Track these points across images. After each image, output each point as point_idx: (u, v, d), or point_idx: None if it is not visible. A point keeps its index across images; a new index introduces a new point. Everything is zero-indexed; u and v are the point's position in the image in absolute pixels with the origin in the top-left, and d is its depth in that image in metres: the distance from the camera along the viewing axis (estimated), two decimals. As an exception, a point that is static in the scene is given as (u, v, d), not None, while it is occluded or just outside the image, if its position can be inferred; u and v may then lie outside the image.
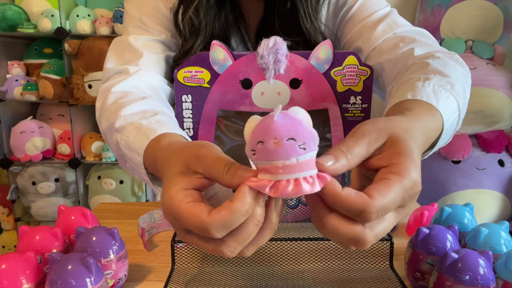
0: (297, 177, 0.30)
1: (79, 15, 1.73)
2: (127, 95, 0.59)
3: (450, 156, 1.61)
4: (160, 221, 0.72)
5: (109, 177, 1.85)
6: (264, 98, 0.61)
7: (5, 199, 1.90)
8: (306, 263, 0.59)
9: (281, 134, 0.29)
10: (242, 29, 0.74)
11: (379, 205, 0.30)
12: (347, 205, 0.30)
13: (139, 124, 0.51)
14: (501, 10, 1.63)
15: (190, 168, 0.35)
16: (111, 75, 0.66)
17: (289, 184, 0.30)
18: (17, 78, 1.78)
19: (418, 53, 0.60)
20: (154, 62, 0.67)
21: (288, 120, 0.29)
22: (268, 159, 0.30)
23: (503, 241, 0.53)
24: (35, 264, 0.47)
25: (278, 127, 0.29)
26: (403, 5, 1.80)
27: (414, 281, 0.53)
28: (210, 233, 0.31)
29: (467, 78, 0.58)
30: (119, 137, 0.53)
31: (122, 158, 0.55)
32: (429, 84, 0.49)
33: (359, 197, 0.30)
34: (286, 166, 0.29)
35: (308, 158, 0.30)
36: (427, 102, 0.45)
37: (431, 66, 0.54)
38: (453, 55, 0.60)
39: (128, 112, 0.55)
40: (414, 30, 0.67)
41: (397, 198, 0.31)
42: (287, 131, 0.29)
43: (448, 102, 0.48)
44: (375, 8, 0.70)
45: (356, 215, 0.30)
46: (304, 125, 0.30)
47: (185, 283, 0.55)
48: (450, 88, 0.50)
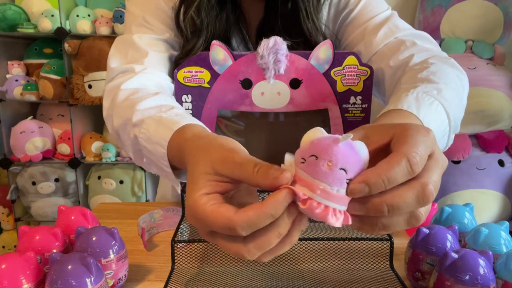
0: (328, 205, 0.30)
1: (79, 15, 1.73)
2: (138, 92, 0.59)
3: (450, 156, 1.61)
4: (160, 221, 0.72)
5: (109, 177, 1.85)
6: (264, 98, 0.61)
7: (5, 199, 1.90)
8: (306, 263, 0.59)
9: (337, 160, 0.29)
10: (243, 29, 0.74)
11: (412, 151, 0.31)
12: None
13: (159, 117, 0.51)
14: (501, 10, 1.63)
15: (215, 170, 0.35)
16: (115, 74, 0.66)
17: (319, 207, 0.30)
18: (17, 78, 1.78)
19: (415, 61, 0.61)
20: (159, 61, 0.67)
21: (350, 151, 0.30)
22: (313, 176, 0.30)
23: (503, 241, 0.53)
24: (35, 264, 0.47)
25: (338, 153, 0.29)
26: (403, 5, 1.80)
27: (414, 281, 0.53)
28: (236, 230, 0.31)
29: (462, 80, 0.59)
30: (137, 131, 0.53)
31: (139, 153, 0.55)
32: (413, 92, 0.50)
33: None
34: (325, 191, 0.30)
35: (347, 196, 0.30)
36: (407, 111, 0.46)
37: (420, 75, 0.55)
38: (448, 60, 0.61)
39: (144, 107, 0.54)
40: (415, 34, 0.68)
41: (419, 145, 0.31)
42: (344, 161, 0.29)
43: (432, 108, 0.49)
44: (376, 11, 0.70)
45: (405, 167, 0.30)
46: (361, 163, 0.30)
47: (185, 283, 0.55)
48: (437, 93, 0.51)
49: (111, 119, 0.61)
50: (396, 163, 0.30)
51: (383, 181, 0.30)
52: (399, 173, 0.30)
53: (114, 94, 0.61)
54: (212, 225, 0.33)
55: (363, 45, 0.68)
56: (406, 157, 0.30)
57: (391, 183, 0.30)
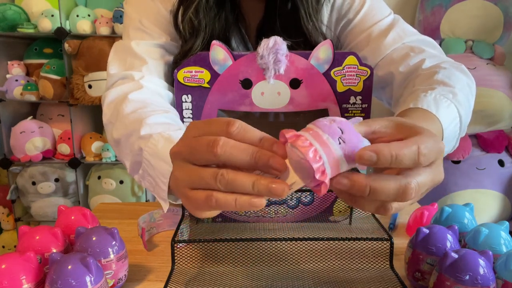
0: (314, 146, 0.31)
1: (79, 15, 1.73)
2: (147, 106, 0.60)
3: (450, 156, 1.61)
4: (160, 221, 0.72)
5: (109, 177, 1.85)
6: (264, 98, 0.61)
7: (5, 199, 1.90)
8: (306, 263, 0.59)
9: (338, 121, 0.33)
10: (242, 29, 0.74)
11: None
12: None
13: (168, 135, 0.52)
14: (501, 10, 1.63)
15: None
16: (115, 80, 0.67)
17: (305, 141, 0.32)
18: (17, 78, 1.78)
19: (427, 65, 0.62)
20: (156, 68, 0.68)
21: (352, 128, 0.33)
22: (314, 124, 0.33)
23: (503, 241, 0.53)
24: (35, 264, 0.47)
25: (341, 120, 0.33)
26: (403, 5, 1.80)
27: (414, 281, 0.53)
28: (231, 123, 0.34)
29: (472, 88, 0.61)
30: (143, 144, 0.53)
31: (136, 165, 0.55)
32: (432, 93, 0.52)
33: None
34: (317, 134, 0.32)
35: (336, 152, 0.32)
36: (427, 110, 0.48)
37: (436, 77, 0.57)
38: (459, 66, 0.63)
39: (154, 121, 0.55)
40: (422, 40, 0.69)
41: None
42: (344, 125, 0.33)
43: (449, 110, 0.51)
44: (380, 16, 0.70)
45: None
46: (359, 138, 0.33)
47: (185, 283, 0.55)
48: (452, 97, 0.53)
49: (112, 126, 0.61)
50: (407, 146, 0.32)
51: (391, 156, 0.31)
52: (407, 155, 0.32)
53: (120, 103, 0.61)
54: (216, 123, 0.35)
55: (368, 50, 0.69)
56: (417, 145, 0.32)
57: (397, 162, 0.31)
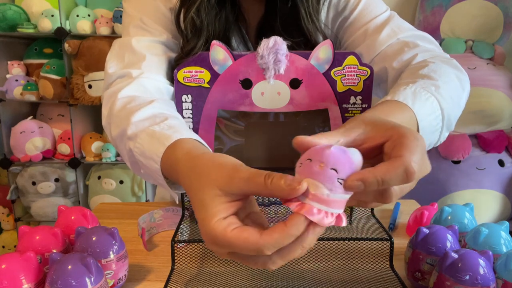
0: (322, 210, 0.32)
1: (79, 15, 1.73)
2: (134, 100, 0.59)
3: (450, 156, 1.61)
4: (160, 221, 0.72)
5: (109, 177, 1.85)
6: (264, 98, 0.61)
7: (5, 199, 1.90)
8: (306, 263, 0.59)
9: (328, 162, 0.32)
10: (242, 29, 0.74)
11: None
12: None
13: (152, 131, 0.51)
14: (501, 10, 1.63)
15: (224, 191, 0.35)
16: (113, 80, 0.66)
17: (312, 208, 0.32)
18: (17, 78, 1.78)
19: (417, 60, 0.62)
20: (156, 64, 0.67)
21: (342, 155, 0.32)
22: (307, 176, 0.32)
23: (503, 241, 0.53)
24: (35, 264, 0.47)
25: (329, 155, 0.32)
26: (403, 5, 1.80)
27: (414, 281, 0.53)
28: (263, 252, 0.33)
29: (462, 80, 0.60)
30: (132, 144, 0.53)
31: (135, 165, 0.55)
32: (412, 87, 0.51)
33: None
34: (317, 197, 0.32)
35: (340, 198, 0.32)
36: (403, 103, 0.48)
37: (422, 71, 0.57)
38: (450, 60, 0.63)
39: (139, 118, 0.55)
40: (417, 35, 0.69)
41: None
42: (334, 162, 0.32)
43: (427, 103, 0.50)
44: (376, 13, 0.70)
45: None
46: (352, 165, 0.32)
47: (185, 283, 0.55)
48: (434, 90, 0.52)
49: (109, 127, 0.61)
50: (394, 169, 0.32)
51: (377, 181, 0.32)
52: (394, 178, 0.32)
53: (112, 103, 0.61)
54: (237, 249, 0.34)
55: (365, 46, 0.69)
56: (405, 165, 0.32)
57: (385, 185, 0.32)
